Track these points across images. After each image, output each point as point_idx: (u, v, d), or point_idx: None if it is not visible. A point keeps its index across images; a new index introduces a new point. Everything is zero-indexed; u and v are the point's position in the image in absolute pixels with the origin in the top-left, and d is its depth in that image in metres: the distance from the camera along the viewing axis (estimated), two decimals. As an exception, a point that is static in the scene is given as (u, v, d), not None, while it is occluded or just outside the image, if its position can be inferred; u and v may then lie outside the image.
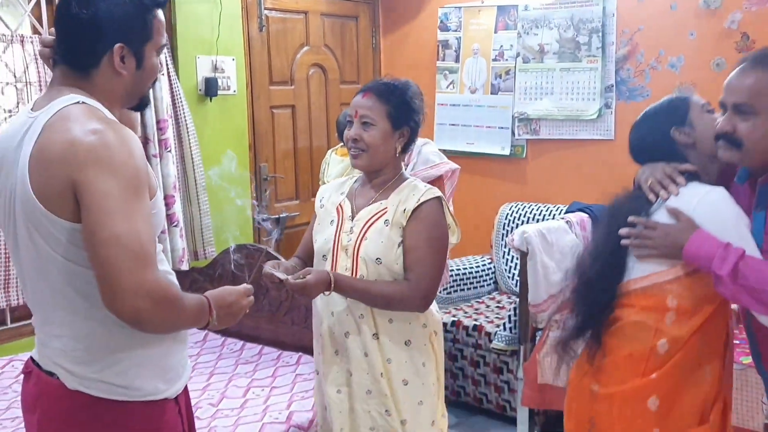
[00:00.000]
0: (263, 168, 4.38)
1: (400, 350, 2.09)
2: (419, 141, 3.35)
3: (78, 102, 1.46)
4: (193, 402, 2.69)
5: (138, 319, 1.35)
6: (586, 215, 3.60)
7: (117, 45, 1.49)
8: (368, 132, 2.08)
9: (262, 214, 4.28)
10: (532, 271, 3.24)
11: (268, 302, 3.29)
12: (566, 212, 3.73)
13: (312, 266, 2.19)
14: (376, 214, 2.10)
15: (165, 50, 1.69)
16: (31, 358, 1.57)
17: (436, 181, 3.12)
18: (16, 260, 1.53)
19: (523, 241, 3.23)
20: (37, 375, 1.53)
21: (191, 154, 3.85)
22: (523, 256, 3.26)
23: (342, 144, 3.66)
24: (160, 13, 1.57)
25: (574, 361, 2.06)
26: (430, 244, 2.06)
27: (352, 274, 2.07)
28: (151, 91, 3.52)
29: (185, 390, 1.67)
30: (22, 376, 1.62)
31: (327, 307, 2.13)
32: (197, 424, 2.49)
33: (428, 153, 3.18)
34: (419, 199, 2.06)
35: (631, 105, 4.09)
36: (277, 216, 4.43)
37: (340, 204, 2.19)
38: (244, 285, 1.65)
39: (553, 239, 3.31)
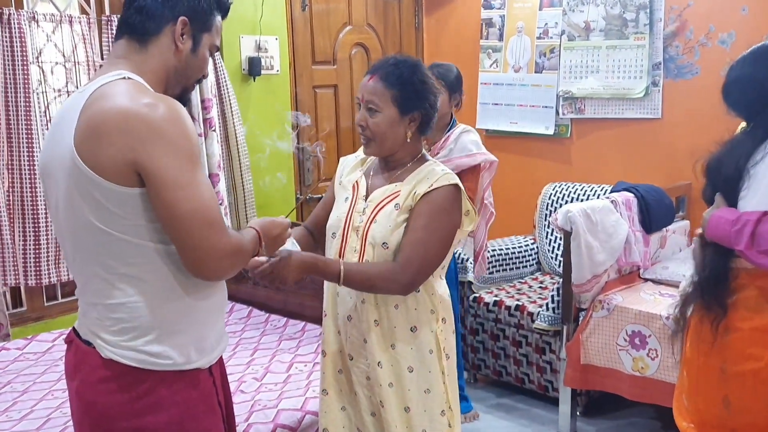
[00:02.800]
0: (306, 147, 4.40)
1: (406, 336, 2.00)
2: (460, 127, 3.31)
3: (124, 77, 1.49)
4: (237, 376, 2.75)
5: (222, 277, 1.50)
6: (632, 195, 3.54)
7: (182, 17, 1.55)
8: (373, 119, 1.96)
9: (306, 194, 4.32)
10: (575, 251, 3.21)
11: (311, 279, 3.31)
12: (611, 192, 3.68)
13: (319, 240, 2.18)
14: (389, 196, 2.00)
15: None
16: (73, 328, 1.62)
17: (473, 171, 3.07)
18: (59, 231, 1.58)
19: (567, 221, 3.20)
20: (76, 344, 1.57)
21: (235, 134, 3.89)
22: (567, 235, 3.23)
23: None
24: (219, 18, 1.65)
25: (684, 335, 2.04)
26: (431, 229, 1.94)
27: (360, 256, 1.98)
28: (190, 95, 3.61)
29: (220, 362, 1.69)
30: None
31: (332, 286, 2.07)
32: (241, 397, 2.56)
33: (467, 141, 3.13)
34: (432, 185, 1.95)
35: (679, 83, 4.00)
36: (319, 196, 4.46)
37: (356, 181, 2.10)
38: (286, 220, 1.76)
39: (598, 219, 3.27)
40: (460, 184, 1.99)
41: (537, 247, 4.34)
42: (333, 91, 4.53)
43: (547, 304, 3.54)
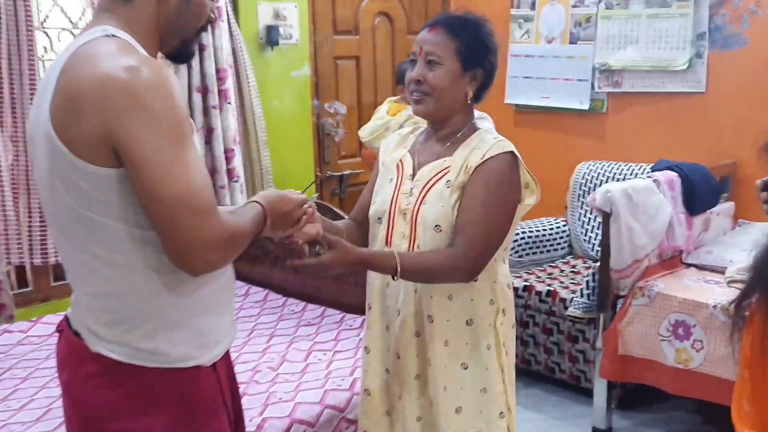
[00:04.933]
0: (326, 122, 4.19)
1: (461, 331, 1.83)
2: (474, 114, 3.09)
3: (108, 35, 1.28)
4: (252, 365, 2.57)
5: (211, 269, 1.30)
6: (675, 174, 3.30)
7: None
8: (434, 72, 1.77)
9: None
10: (615, 234, 2.98)
11: (330, 262, 3.12)
12: (652, 171, 3.44)
13: (369, 231, 1.95)
14: (439, 173, 1.82)
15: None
16: (66, 315, 1.45)
17: None
18: (45, 211, 1.41)
19: (606, 201, 2.97)
20: (66, 334, 1.41)
21: (252, 106, 3.68)
22: (606, 217, 3.00)
23: (399, 97, 3.42)
24: None
25: (743, 330, 1.82)
26: (490, 204, 1.74)
27: (410, 242, 1.81)
28: (210, 38, 3.39)
29: (226, 357, 1.50)
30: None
31: (380, 277, 1.87)
32: (255, 388, 2.38)
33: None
34: (484, 155, 1.76)
35: (725, 54, 3.74)
36: (339, 173, 4.26)
37: (400, 160, 1.91)
38: (301, 195, 1.56)
39: (639, 199, 3.04)
40: (517, 152, 1.79)
41: (569, 230, 4.12)
42: (355, 62, 4.31)
43: (581, 290, 3.32)
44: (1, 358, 2.70)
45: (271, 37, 3.77)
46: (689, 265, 3.31)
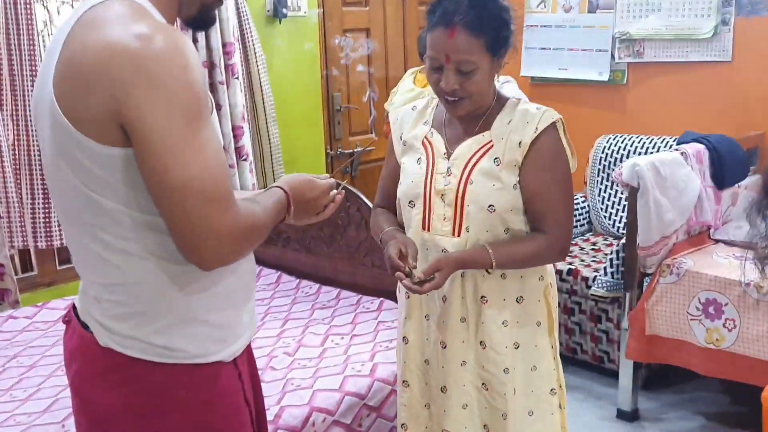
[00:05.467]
0: (336, 98, 4.05)
1: (513, 309, 1.78)
2: (501, 79, 2.97)
3: None
4: (267, 350, 2.46)
5: (224, 264, 1.18)
6: (703, 146, 3.17)
7: None
8: (471, 79, 1.64)
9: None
10: (642, 210, 2.85)
11: (345, 242, 3.01)
12: (678, 143, 3.30)
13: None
14: (480, 149, 1.72)
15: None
16: (73, 304, 1.33)
17: None
18: (53, 197, 1.29)
19: (633, 175, 2.84)
20: (74, 326, 1.29)
21: (260, 82, 3.55)
22: (633, 192, 2.87)
23: (423, 67, 3.27)
24: None
25: None
26: (559, 183, 1.70)
27: (454, 224, 1.72)
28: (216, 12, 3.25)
29: (248, 351, 1.39)
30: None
31: (420, 259, 1.75)
32: (272, 375, 2.27)
33: (512, 93, 2.80)
34: (536, 128, 1.67)
35: (753, 21, 3.57)
36: (351, 151, 4.13)
37: (426, 138, 1.80)
38: (328, 180, 1.42)
39: (667, 173, 2.91)
40: (560, 117, 1.72)
41: (588, 206, 3.99)
42: (365, 35, 4.16)
43: (605, 269, 3.21)
44: (5, 345, 2.59)
45: (278, 9, 3.63)
46: (717, 241, 3.18)
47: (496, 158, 1.70)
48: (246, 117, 3.49)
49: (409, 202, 1.79)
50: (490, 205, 1.69)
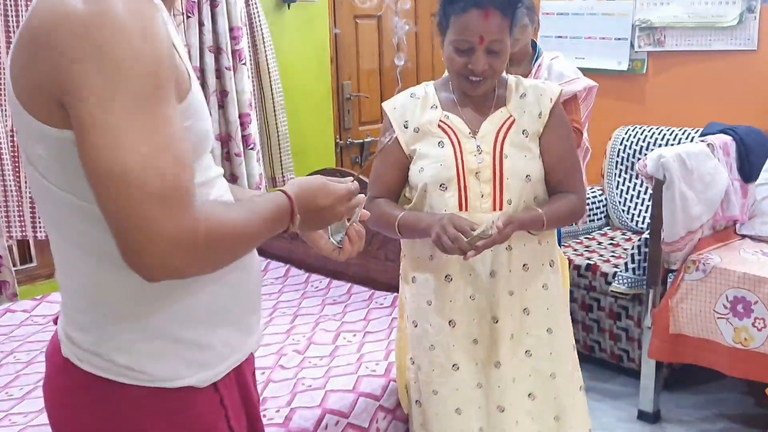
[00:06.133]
0: (346, 86, 3.92)
1: (546, 273, 1.89)
2: (548, 55, 2.89)
3: None
4: (276, 347, 2.34)
5: (177, 276, 0.95)
6: (730, 138, 3.04)
7: None
8: (499, 59, 1.73)
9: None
10: (668, 203, 2.73)
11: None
12: (703, 135, 3.17)
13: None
14: (503, 125, 1.80)
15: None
16: None
17: (574, 100, 2.73)
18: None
19: (659, 167, 2.71)
20: (56, 330, 1.13)
21: (268, 68, 3.42)
22: (659, 185, 2.75)
23: None
24: None
25: None
26: (573, 148, 1.89)
27: (494, 199, 1.77)
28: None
29: (240, 370, 1.18)
30: None
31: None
32: (282, 374, 2.15)
33: (561, 68, 2.80)
34: (551, 99, 1.83)
35: (780, 8, 3.45)
36: (360, 141, 4.01)
37: (442, 121, 1.81)
38: (347, 184, 1.19)
39: (694, 165, 2.78)
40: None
41: (606, 199, 3.86)
42: (376, 22, 4.03)
43: (625, 264, 3.08)
44: (2, 340, 2.48)
45: (287, -7, 3.51)
46: (743, 236, 3.06)
47: (523, 130, 1.80)
48: (254, 104, 3.37)
49: (440, 186, 1.78)
50: (527, 176, 1.78)
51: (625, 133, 3.81)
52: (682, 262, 2.82)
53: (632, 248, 3.09)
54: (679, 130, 3.64)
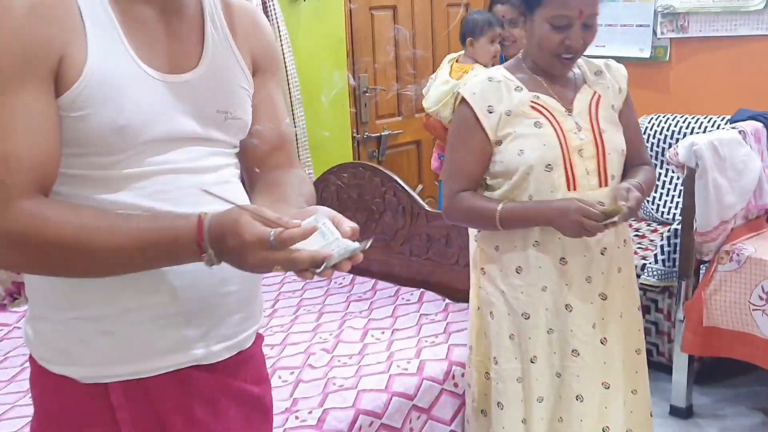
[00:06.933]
0: (363, 79, 3.86)
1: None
2: None
3: None
4: (304, 346, 2.28)
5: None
6: (761, 124, 2.96)
7: None
8: (592, 34, 1.73)
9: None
10: (701, 192, 2.65)
11: (381, 230, 2.83)
12: (732, 122, 3.09)
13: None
14: (592, 101, 1.82)
15: None
16: None
17: None
18: None
19: (691, 155, 2.64)
20: None
21: (284, 62, 3.36)
22: (691, 173, 2.67)
23: (461, 54, 3.11)
24: None
25: None
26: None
27: (599, 175, 1.77)
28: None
29: (182, 382, 1.10)
30: None
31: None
32: (311, 374, 2.09)
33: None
34: (624, 75, 1.89)
35: (809, -9, 3.37)
36: (378, 135, 3.94)
37: (533, 101, 1.77)
38: (267, 231, 0.93)
39: (726, 153, 2.71)
40: None
41: (629, 190, 3.79)
42: (392, 13, 3.96)
43: (655, 256, 3.01)
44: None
45: (302, -15, 3.44)
46: (776, 226, 2.99)
47: (612, 105, 1.83)
48: (271, 99, 3.30)
49: (546, 166, 1.74)
50: (623, 150, 1.82)
51: (649, 122, 3.73)
52: (715, 252, 2.75)
53: (661, 239, 3.02)
54: (705, 118, 3.57)
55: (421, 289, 2.66)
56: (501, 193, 1.80)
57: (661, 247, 2.99)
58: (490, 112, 1.76)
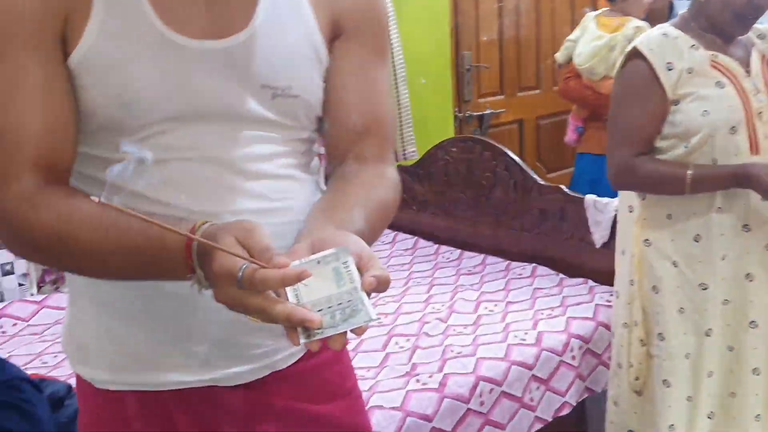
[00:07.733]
0: (466, 56, 3.81)
1: None
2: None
3: None
4: (417, 316, 2.27)
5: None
6: None
7: None
8: None
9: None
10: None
11: (491, 205, 2.79)
12: None
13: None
14: (763, 63, 1.74)
15: None
16: None
17: None
18: None
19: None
20: None
21: (390, 39, 3.35)
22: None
23: (607, 9, 3.02)
24: None
25: None
26: None
27: None
28: None
29: (188, 399, 0.97)
30: None
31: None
32: (427, 341, 2.08)
33: None
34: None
35: None
36: (480, 113, 3.89)
37: (714, 61, 1.69)
38: (267, 271, 0.71)
39: None
40: None
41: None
42: (498, -10, 3.90)
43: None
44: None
45: (408, -42, 3.42)
46: None
47: None
48: (376, 75, 3.30)
49: (731, 129, 1.67)
50: None
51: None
52: None
53: None
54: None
55: (534, 264, 2.61)
56: (675, 155, 1.70)
57: None
58: (669, 69, 1.67)
